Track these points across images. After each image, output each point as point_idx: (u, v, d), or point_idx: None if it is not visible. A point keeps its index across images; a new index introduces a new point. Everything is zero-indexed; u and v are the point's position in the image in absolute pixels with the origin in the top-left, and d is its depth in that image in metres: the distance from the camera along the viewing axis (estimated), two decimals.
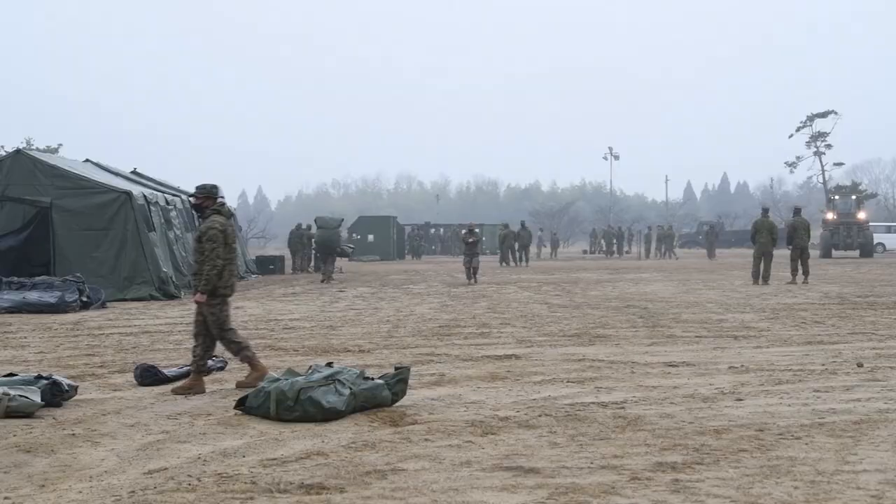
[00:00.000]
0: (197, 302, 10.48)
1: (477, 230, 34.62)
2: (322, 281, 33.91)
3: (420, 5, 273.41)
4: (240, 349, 10.56)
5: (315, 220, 37.66)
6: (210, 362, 11.05)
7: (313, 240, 40.81)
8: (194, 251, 10.64)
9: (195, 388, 10.24)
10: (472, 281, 32.03)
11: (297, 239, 44.92)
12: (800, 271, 30.22)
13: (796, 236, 30.42)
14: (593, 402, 9.22)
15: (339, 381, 8.71)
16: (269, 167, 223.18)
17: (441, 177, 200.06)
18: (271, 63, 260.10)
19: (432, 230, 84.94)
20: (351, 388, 8.67)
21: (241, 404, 8.82)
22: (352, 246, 47.00)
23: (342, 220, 40.66)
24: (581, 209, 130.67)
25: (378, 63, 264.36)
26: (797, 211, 32.12)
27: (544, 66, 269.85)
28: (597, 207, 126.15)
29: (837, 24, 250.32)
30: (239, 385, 10.35)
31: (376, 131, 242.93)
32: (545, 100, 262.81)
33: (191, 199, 11.81)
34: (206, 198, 10.77)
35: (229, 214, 10.97)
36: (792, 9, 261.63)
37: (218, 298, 10.46)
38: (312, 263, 43.42)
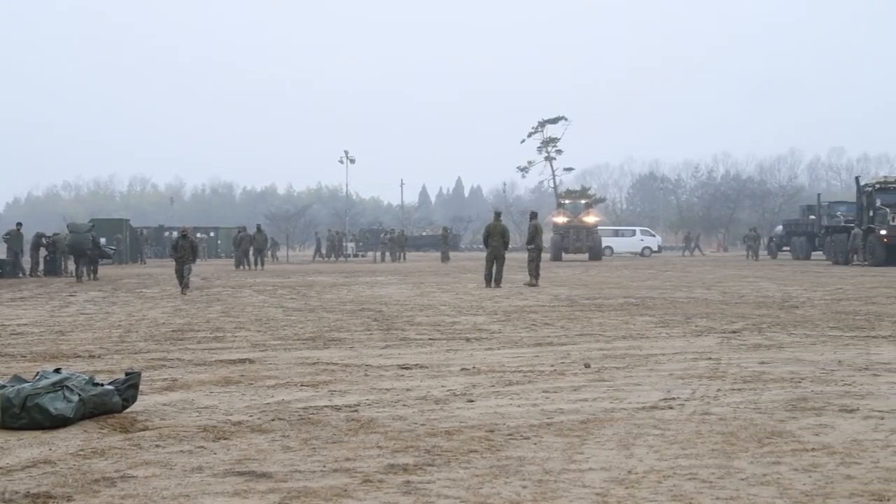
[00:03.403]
0: None
1: (190, 235, 31.72)
2: (77, 281, 35.61)
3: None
4: None
5: (67, 226, 41.43)
6: None
7: (66, 243, 41.41)
8: None
9: None
10: (184, 291, 28.39)
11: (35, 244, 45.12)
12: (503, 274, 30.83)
13: (493, 241, 30.86)
14: (327, 406, 9.24)
15: (67, 387, 8.48)
16: None
17: (176, 179, 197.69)
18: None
19: (166, 233, 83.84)
20: (80, 395, 8.45)
21: None
22: (113, 248, 48.81)
23: (92, 225, 42.31)
24: (317, 213, 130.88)
25: (109, 61, 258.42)
26: (497, 215, 32.61)
27: (279, 68, 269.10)
28: (333, 211, 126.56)
29: (569, 31, 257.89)
30: None
31: (109, 132, 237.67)
32: (281, 102, 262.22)
33: None
34: None
35: None
36: (525, 20, 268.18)
37: None
38: (42, 268, 43.87)
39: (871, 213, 49.11)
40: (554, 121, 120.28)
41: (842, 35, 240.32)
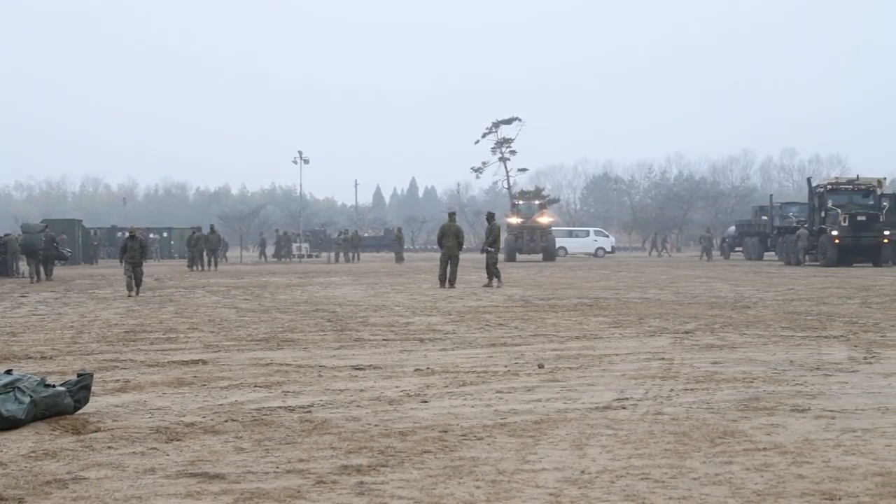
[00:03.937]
0: None
1: (139, 235, 30.08)
2: (31, 281, 36.25)
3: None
4: None
5: (21, 227, 44.03)
6: None
7: (19, 243, 42.35)
8: None
9: None
10: (134, 293, 27.36)
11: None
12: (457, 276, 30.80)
13: (447, 241, 30.83)
14: (280, 407, 9.21)
15: (18, 388, 8.42)
16: None
17: (128, 179, 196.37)
18: None
19: (119, 234, 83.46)
20: (31, 396, 8.39)
21: None
22: (69, 250, 50.91)
23: (45, 226, 43.16)
24: (271, 213, 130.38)
25: (62, 60, 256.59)
26: (451, 216, 32.60)
27: (233, 67, 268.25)
28: (287, 211, 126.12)
29: (524, 33, 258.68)
30: None
31: (60, 132, 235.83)
32: (234, 101, 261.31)
33: None
34: None
35: None
36: (481, 22, 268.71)
37: None
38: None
39: (822, 214, 49.48)
40: (508, 121, 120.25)
41: (793, 38, 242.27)
